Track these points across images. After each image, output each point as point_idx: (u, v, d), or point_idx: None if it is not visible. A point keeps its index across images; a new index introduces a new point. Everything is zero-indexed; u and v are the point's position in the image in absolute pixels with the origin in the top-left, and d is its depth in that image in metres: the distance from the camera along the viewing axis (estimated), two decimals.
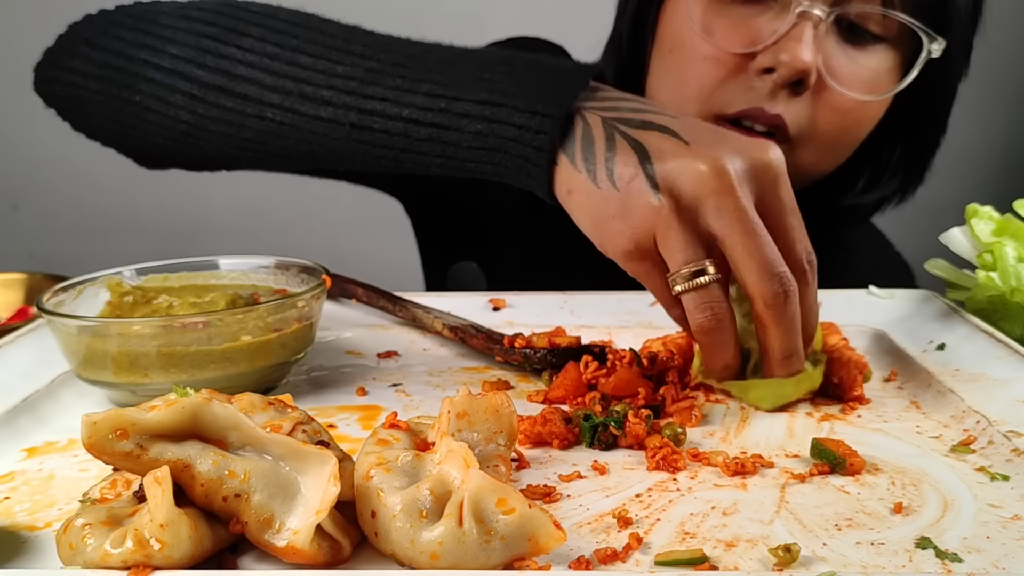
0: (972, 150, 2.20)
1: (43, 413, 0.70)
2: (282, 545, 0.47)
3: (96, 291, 0.77)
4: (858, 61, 0.93)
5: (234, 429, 0.49)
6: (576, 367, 0.73)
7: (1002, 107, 2.24)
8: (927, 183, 1.07)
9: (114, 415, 0.47)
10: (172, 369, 0.68)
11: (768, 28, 0.90)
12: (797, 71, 0.88)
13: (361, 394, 0.74)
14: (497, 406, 0.56)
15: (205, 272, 0.83)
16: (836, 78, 0.91)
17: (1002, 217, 0.87)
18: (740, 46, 0.91)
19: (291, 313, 0.72)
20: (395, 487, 0.48)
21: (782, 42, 0.89)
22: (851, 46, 0.93)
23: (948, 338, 0.80)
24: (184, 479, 0.47)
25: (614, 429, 0.63)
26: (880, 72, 0.94)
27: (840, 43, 0.92)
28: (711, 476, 0.59)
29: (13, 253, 2.15)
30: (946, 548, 0.49)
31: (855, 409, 0.70)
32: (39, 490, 0.58)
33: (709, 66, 0.93)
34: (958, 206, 0.92)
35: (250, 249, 0.88)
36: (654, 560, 0.48)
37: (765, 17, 0.91)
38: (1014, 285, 0.82)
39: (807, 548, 0.49)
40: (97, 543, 0.45)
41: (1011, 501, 0.55)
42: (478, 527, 0.46)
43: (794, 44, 0.88)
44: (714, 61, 0.93)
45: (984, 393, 0.69)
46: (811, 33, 0.88)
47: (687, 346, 0.76)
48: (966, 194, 1.05)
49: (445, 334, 0.84)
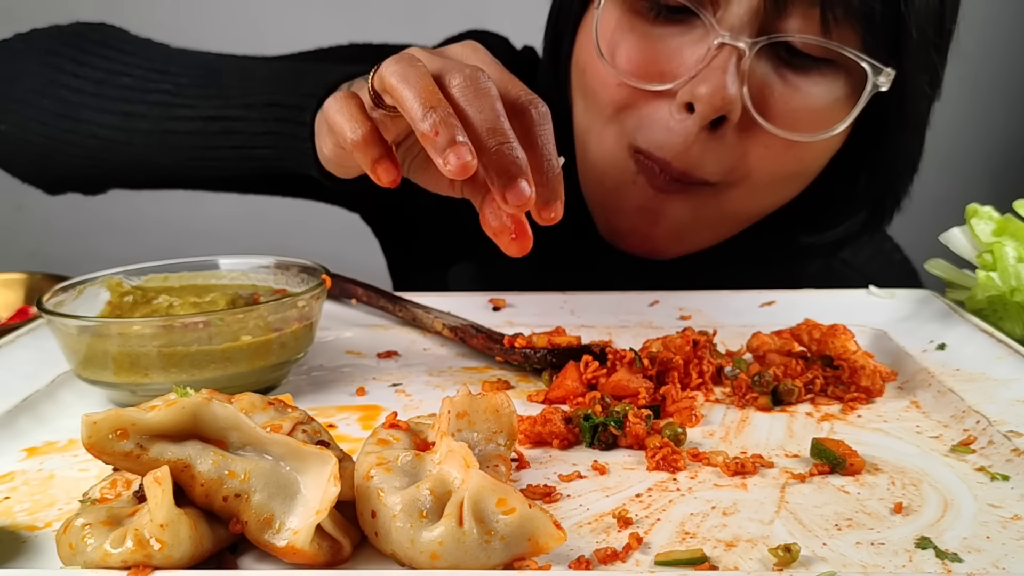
0: (972, 150, 2.20)
1: (43, 413, 0.70)
2: (282, 545, 0.47)
3: (96, 291, 0.77)
4: (800, 89, 0.81)
5: (234, 429, 0.49)
6: (576, 367, 0.73)
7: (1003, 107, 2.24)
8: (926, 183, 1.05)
9: (114, 415, 0.47)
10: (172, 369, 0.68)
11: (684, 56, 0.80)
12: (716, 108, 0.78)
13: (361, 394, 0.74)
14: (497, 406, 0.56)
15: (205, 272, 0.83)
16: (768, 113, 0.80)
17: (1002, 217, 0.87)
18: (650, 80, 0.81)
19: (291, 313, 0.72)
20: (395, 487, 0.48)
21: (702, 73, 0.78)
22: (791, 71, 0.81)
23: (948, 338, 0.80)
24: (184, 479, 0.47)
25: (614, 429, 0.63)
26: (827, 101, 0.81)
27: (778, 68, 0.80)
28: (711, 476, 0.59)
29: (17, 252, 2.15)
30: (946, 548, 0.49)
31: (855, 409, 0.70)
32: (39, 490, 0.58)
33: (623, 93, 0.83)
34: (958, 206, 0.92)
35: (250, 249, 0.88)
36: (654, 560, 0.48)
37: (681, 43, 0.80)
38: (1014, 285, 0.82)
39: (807, 548, 0.49)
40: (97, 543, 0.45)
41: (1011, 501, 0.55)
42: (478, 527, 0.46)
43: (716, 75, 0.77)
44: (627, 88, 0.83)
45: (984, 393, 0.69)
46: (734, 64, 0.77)
47: (687, 346, 0.76)
48: (966, 194, 1.05)
49: (445, 334, 0.84)
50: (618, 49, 0.82)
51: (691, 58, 0.79)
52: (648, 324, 0.89)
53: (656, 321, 0.89)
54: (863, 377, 0.71)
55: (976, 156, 2.22)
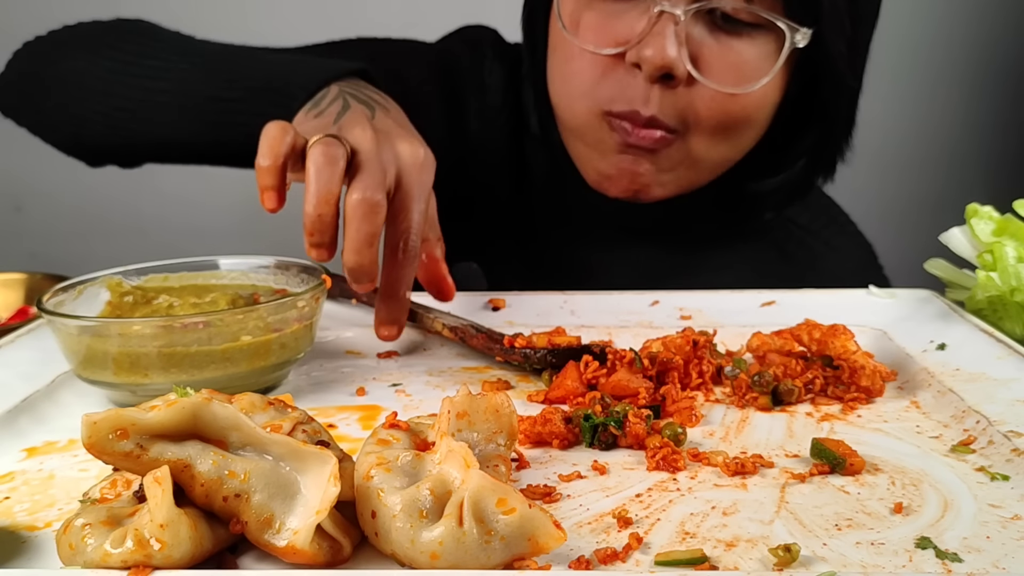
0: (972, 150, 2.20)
1: (43, 413, 0.70)
2: (282, 545, 0.47)
3: (96, 291, 0.77)
4: (733, 48, 0.94)
5: (234, 429, 0.49)
6: (576, 367, 0.73)
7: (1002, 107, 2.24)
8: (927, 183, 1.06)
9: (114, 415, 0.47)
10: (172, 369, 0.68)
11: (634, 26, 0.93)
12: (659, 67, 0.91)
13: (361, 394, 0.74)
14: (497, 406, 0.56)
15: (205, 272, 0.83)
16: (704, 70, 0.93)
17: (1002, 217, 0.87)
18: (606, 45, 0.95)
19: (291, 313, 0.72)
20: (395, 487, 0.48)
21: (646, 39, 0.91)
22: (724, 34, 0.94)
23: (948, 338, 0.80)
24: (184, 479, 0.47)
25: (614, 429, 0.63)
26: (755, 59, 0.95)
27: (712, 32, 0.94)
28: (711, 476, 0.59)
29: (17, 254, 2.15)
30: (946, 548, 0.49)
31: (855, 409, 0.70)
32: (39, 490, 0.58)
33: (586, 63, 0.97)
34: (958, 206, 0.92)
35: (250, 249, 0.88)
36: (654, 560, 0.48)
37: (631, 15, 0.94)
38: (1014, 285, 0.82)
39: (807, 548, 0.49)
40: (97, 543, 0.45)
41: (1011, 501, 0.55)
42: (478, 527, 0.46)
43: (657, 40, 0.91)
44: (590, 59, 0.96)
45: (984, 393, 0.69)
46: (672, 29, 0.90)
47: (687, 346, 0.76)
48: (966, 194, 1.05)
49: (445, 334, 0.84)
50: (580, 22, 0.97)
51: (638, 25, 0.93)
52: (648, 324, 0.89)
53: (656, 321, 0.89)
54: (863, 377, 0.71)
55: (976, 156, 2.21)
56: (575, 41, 0.97)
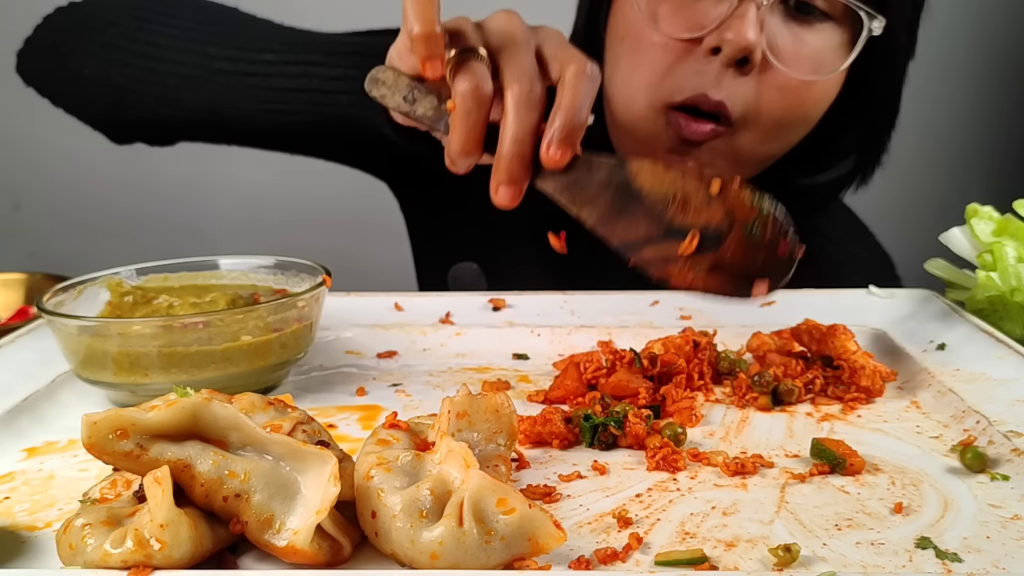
0: (972, 150, 2.20)
1: (43, 413, 0.70)
2: (282, 545, 0.47)
3: (96, 291, 0.77)
4: (804, 39, 0.96)
5: (234, 429, 0.49)
6: (576, 367, 0.73)
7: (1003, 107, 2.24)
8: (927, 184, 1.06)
9: (114, 415, 0.47)
10: (172, 369, 0.68)
11: (713, 12, 0.94)
12: (741, 48, 0.92)
13: (361, 394, 0.74)
14: (497, 406, 0.56)
15: (205, 272, 0.83)
16: (780, 57, 0.95)
17: (1002, 217, 0.87)
18: (686, 31, 0.95)
19: (291, 313, 0.72)
20: (395, 487, 0.48)
21: (727, 22, 0.93)
22: (797, 24, 0.96)
23: (948, 338, 0.80)
24: (184, 479, 0.47)
25: (614, 429, 0.63)
26: (826, 50, 0.97)
27: (786, 21, 0.96)
28: (711, 476, 0.59)
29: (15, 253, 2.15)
30: (946, 548, 0.49)
31: (855, 409, 0.70)
32: (39, 490, 0.58)
33: (658, 53, 0.97)
34: (958, 206, 0.92)
35: (250, 248, 0.88)
36: (654, 560, 0.48)
37: (709, 2, 0.95)
38: (1014, 285, 0.82)
39: (807, 548, 0.49)
40: (97, 543, 0.45)
41: (1011, 501, 0.55)
42: (478, 527, 0.46)
43: (738, 23, 0.92)
44: (662, 48, 0.97)
45: (984, 393, 0.69)
46: (754, 13, 0.92)
47: (687, 346, 0.76)
48: (966, 194, 1.05)
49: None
50: (658, 11, 0.98)
51: (717, 11, 0.94)
52: (648, 324, 0.89)
53: (656, 321, 0.89)
54: (863, 377, 0.71)
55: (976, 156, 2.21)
56: (654, 29, 0.97)
